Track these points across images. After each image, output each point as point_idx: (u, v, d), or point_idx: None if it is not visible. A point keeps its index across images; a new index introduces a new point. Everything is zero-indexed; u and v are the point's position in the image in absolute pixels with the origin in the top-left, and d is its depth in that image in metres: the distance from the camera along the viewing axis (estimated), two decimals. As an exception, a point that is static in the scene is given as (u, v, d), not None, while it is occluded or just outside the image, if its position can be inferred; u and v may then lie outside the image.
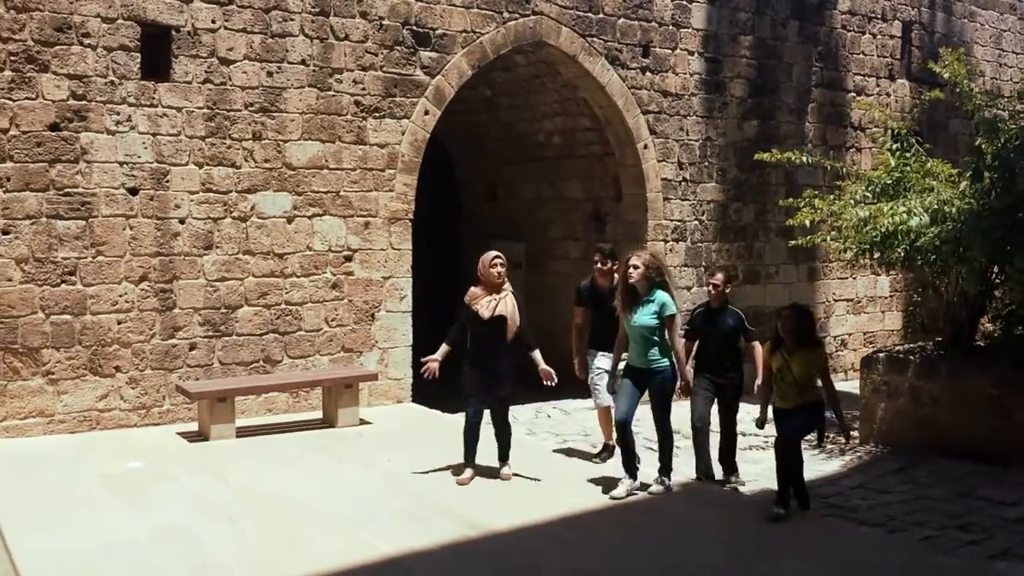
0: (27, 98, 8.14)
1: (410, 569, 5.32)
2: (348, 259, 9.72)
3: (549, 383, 7.11)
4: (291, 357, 9.43)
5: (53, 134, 8.26)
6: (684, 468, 7.60)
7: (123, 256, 8.59)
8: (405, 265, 10.07)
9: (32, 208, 8.19)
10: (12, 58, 8.07)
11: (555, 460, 8.15)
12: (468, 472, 7.04)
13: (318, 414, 9.10)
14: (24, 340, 8.18)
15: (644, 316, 6.69)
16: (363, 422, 8.95)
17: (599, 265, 7.99)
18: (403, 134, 10.01)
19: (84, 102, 8.36)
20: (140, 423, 8.64)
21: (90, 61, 8.37)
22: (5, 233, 8.09)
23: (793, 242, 10.61)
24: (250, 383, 8.76)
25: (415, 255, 10.20)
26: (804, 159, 10.37)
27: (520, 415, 10.72)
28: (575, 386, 8.50)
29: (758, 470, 8.28)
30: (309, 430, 8.69)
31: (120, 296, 8.58)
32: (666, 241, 11.78)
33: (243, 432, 8.34)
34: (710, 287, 7.87)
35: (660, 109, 11.73)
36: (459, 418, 9.61)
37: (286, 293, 9.38)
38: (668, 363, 6.78)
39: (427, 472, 7.26)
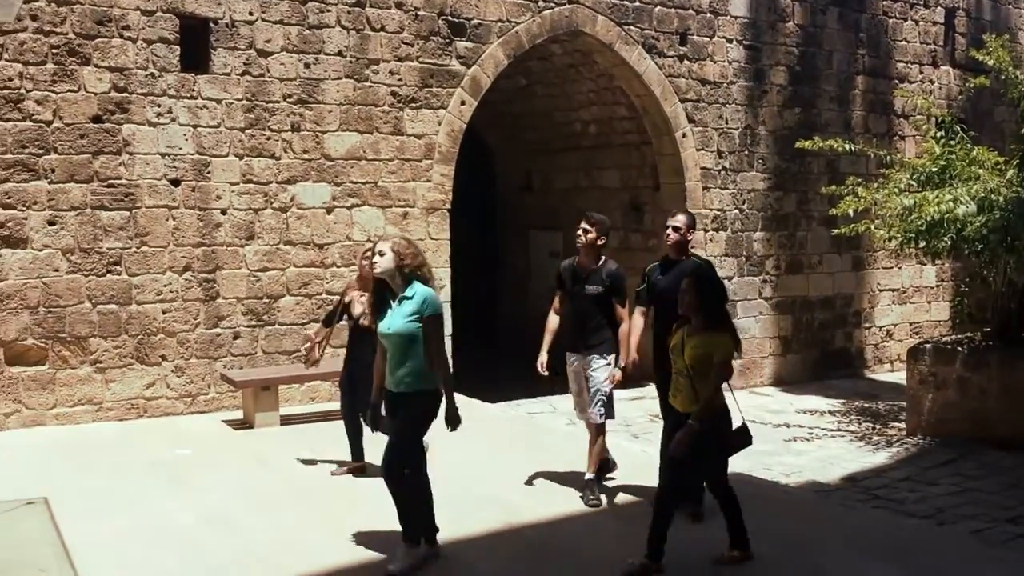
0: (70, 91, 8.24)
1: (453, 555, 5.31)
2: (387, 249, 9.74)
3: None
4: (333, 346, 9.44)
5: (96, 126, 8.35)
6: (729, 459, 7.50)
7: (167, 246, 8.68)
8: (443, 255, 10.07)
9: (77, 199, 8.30)
10: (54, 51, 8.17)
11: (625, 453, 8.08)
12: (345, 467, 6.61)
13: (358, 403, 9.14)
14: (72, 329, 8.31)
15: (398, 319, 4.92)
16: (403, 411, 8.96)
17: (581, 237, 6.38)
18: (440, 124, 10.00)
19: (125, 94, 8.45)
20: (186, 411, 8.74)
21: (130, 54, 8.45)
22: (51, 224, 8.21)
23: (836, 231, 10.48)
24: (293, 372, 8.82)
25: (453, 245, 10.20)
26: (847, 147, 10.24)
27: (560, 405, 10.69)
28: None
29: (802, 462, 8.19)
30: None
31: (164, 286, 8.67)
32: (706, 230, 11.67)
33: (287, 420, 8.41)
34: (668, 231, 6.15)
35: (698, 97, 11.61)
36: (498, 408, 9.66)
37: (327, 283, 9.42)
38: (429, 387, 5.00)
39: (468, 460, 7.26)
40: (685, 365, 5.05)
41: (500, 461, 7.33)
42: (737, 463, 7.51)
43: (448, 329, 10.03)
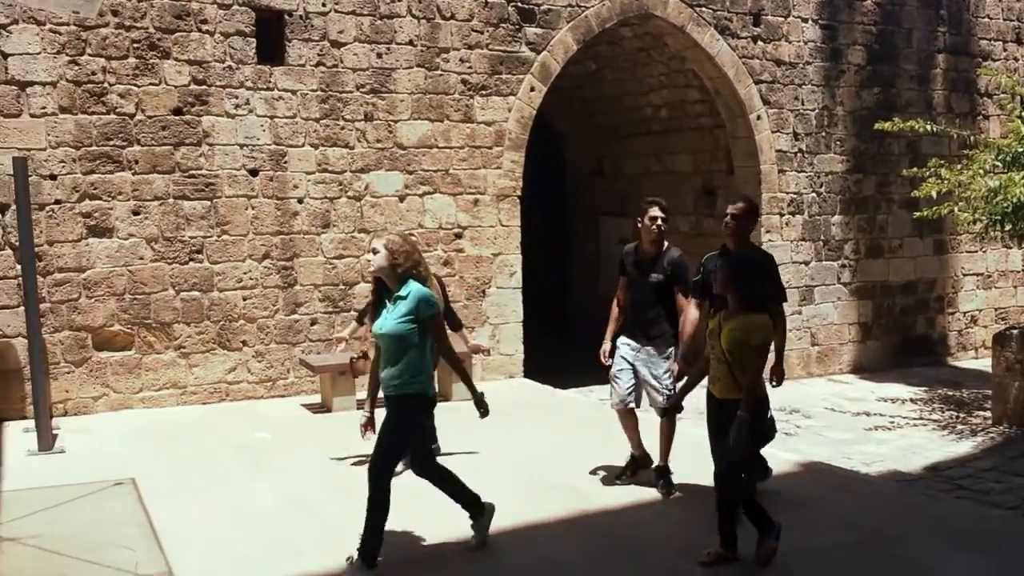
0: (151, 84, 8.48)
1: (526, 539, 5.35)
2: (458, 236, 9.82)
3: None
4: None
5: (177, 118, 8.58)
6: (808, 447, 7.39)
7: (246, 235, 8.89)
8: (514, 242, 10.10)
9: (160, 189, 8.55)
10: (135, 45, 8.40)
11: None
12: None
13: (432, 388, 9.24)
14: (157, 315, 8.58)
15: (391, 320, 4.77)
16: (476, 397, 9.03)
17: (648, 224, 6.05)
18: (509, 111, 10.01)
19: (204, 87, 8.65)
20: (266, 395, 8.97)
21: (208, 47, 8.65)
22: (136, 214, 8.48)
23: (918, 214, 10.18)
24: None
25: (523, 232, 10.22)
26: (928, 127, 9.92)
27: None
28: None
29: (884, 451, 8.01)
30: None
31: (244, 273, 8.89)
32: (782, 215, 11.46)
33: (363, 404, 8.53)
34: (726, 219, 5.86)
35: (773, 79, 11.38)
36: (571, 394, 9.66)
37: (399, 270, 9.52)
38: (416, 391, 4.83)
39: (541, 446, 7.29)
40: (722, 350, 4.81)
41: (571, 447, 7.34)
42: (816, 451, 7.42)
43: (519, 315, 10.14)
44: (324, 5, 9.08)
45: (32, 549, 4.37)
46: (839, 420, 9.23)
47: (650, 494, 6.14)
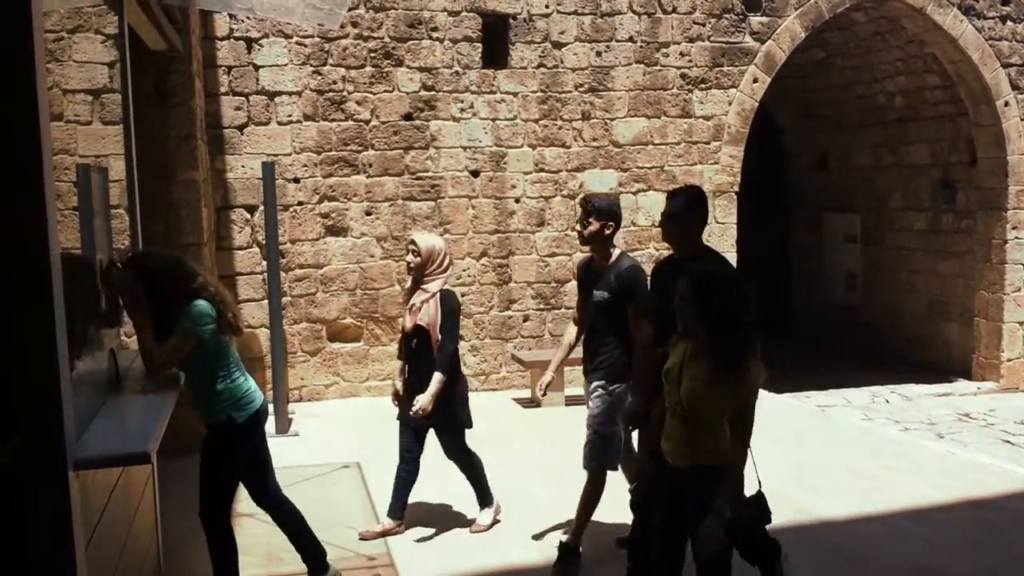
0: (385, 91, 9.01)
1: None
2: (673, 234, 9.71)
3: (418, 414, 5.08)
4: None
5: (407, 123, 9.08)
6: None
7: (466, 234, 9.27)
8: (730, 240, 9.86)
9: (390, 191, 9.09)
10: (372, 54, 8.96)
11: (897, 447, 7.60)
12: (379, 525, 5.39)
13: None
14: (383, 310, 9.14)
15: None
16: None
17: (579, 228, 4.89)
18: (730, 104, 9.78)
19: (433, 92, 9.09)
20: (480, 388, 9.32)
21: (438, 53, 9.07)
22: (368, 214, 9.06)
23: None
24: (578, 354, 9.05)
25: (740, 229, 9.96)
26: None
27: (854, 399, 10.14)
28: (911, 368, 7.75)
29: None
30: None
31: (464, 271, 9.28)
32: (1031, 210, 10.46)
33: (571, 401, 8.69)
34: (661, 221, 4.46)
35: (1023, 61, 10.39)
36: (787, 399, 9.32)
37: (613, 268, 9.57)
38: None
39: (754, 452, 7.09)
40: (680, 400, 3.41)
41: (787, 455, 7.09)
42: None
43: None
44: (547, 7, 9.27)
45: (266, 525, 4.75)
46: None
47: (877, 506, 5.82)
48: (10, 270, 2.51)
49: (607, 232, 4.76)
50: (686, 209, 4.23)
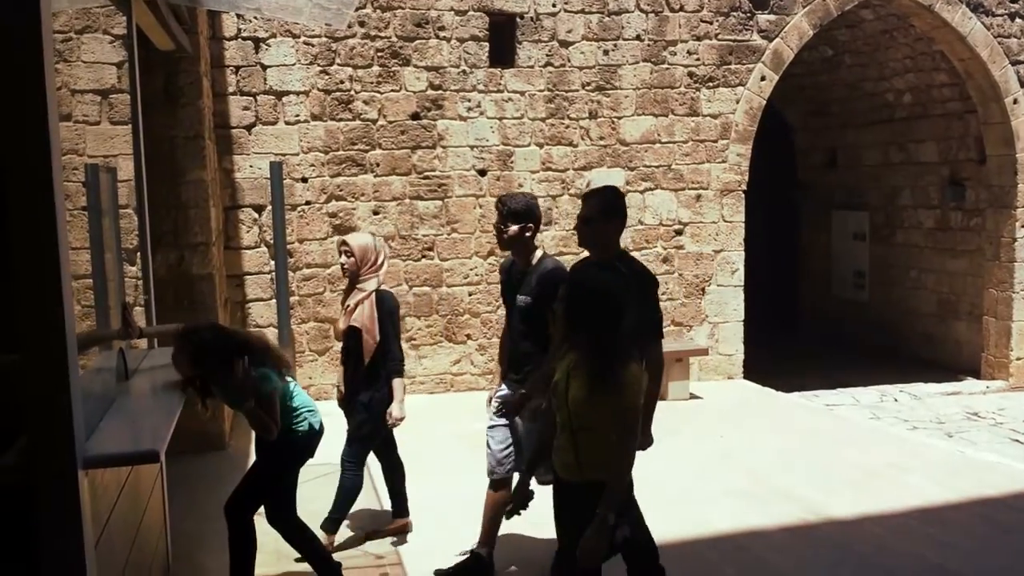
0: (392, 90, 9.02)
1: (744, 547, 5.25)
2: (678, 233, 9.71)
3: (395, 426, 5.12)
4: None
5: (414, 122, 9.09)
6: None
7: (473, 233, 9.28)
8: (737, 238, 9.85)
9: (397, 190, 9.10)
10: (379, 54, 8.97)
11: (905, 446, 7.59)
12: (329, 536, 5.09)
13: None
14: (391, 309, 9.15)
15: None
16: (693, 396, 8.94)
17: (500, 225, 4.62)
18: (737, 103, 9.76)
19: (440, 91, 9.09)
20: (487, 387, 9.25)
21: (445, 53, 9.08)
22: (376, 214, 9.08)
23: None
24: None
25: (748, 227, 9.94)
26: None
27: (863, 398, 10.12)
28: (920, 367, 7.75)
29: None
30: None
31: (471, 270, 9.29)
32: (1041, 208, 10.42)
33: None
34: (577, 224, 4.36)
35: (1035, 58, 10.35)
36: (795, 398, 9.32)
37: (620, 267, 9.57)
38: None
39: (762, 451, 7.09)
40: (568, 413, 3.32)
41: (796, 454, 7.09)
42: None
43: (740, 314, 9.88)
44: (554, 5, 9.27)
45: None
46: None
47: (887, 506, 5.81)
48: (20, 269, 2.53)
49: (527, 235, 4.54)
50: (602, 212, 4.10)
